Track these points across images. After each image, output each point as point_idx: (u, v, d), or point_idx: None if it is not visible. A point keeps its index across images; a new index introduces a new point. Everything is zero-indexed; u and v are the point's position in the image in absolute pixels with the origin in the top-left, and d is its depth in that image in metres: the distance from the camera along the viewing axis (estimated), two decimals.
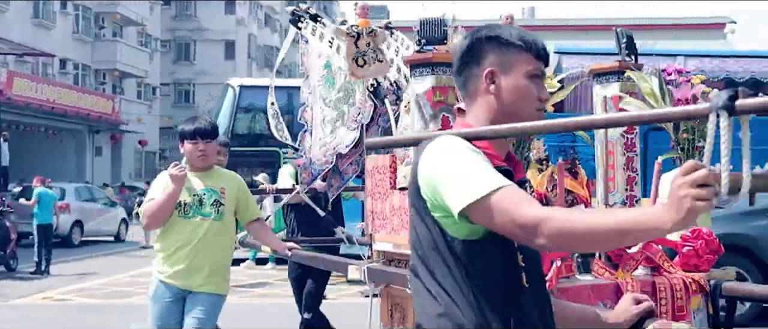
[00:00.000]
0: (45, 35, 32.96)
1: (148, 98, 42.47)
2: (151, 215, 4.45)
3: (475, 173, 1.87)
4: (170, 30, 45.82)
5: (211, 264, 4.46)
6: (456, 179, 1.88)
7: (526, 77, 2.03)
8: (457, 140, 1.97)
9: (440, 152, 1.95)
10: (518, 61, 2.03)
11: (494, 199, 1.81)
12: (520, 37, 2.05)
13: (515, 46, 2.04)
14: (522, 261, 1.97)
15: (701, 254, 3.13)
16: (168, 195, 4.38)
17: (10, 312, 9.66)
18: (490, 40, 2.06)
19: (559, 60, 12.32)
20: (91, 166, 35.92)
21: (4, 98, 24.74)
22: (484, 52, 2.05)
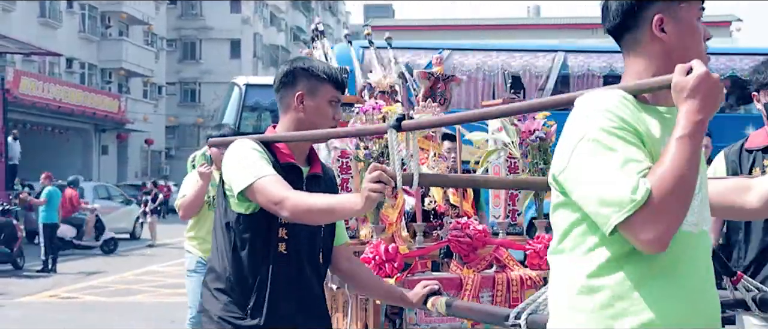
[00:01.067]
0: (51, 34, 33.04)
1: (154, 97, 42.53)
2: (185, 207, 5.49)
3: (250, 165, 2.56)
4: (176, 29, 45.89)
5: None
6: (237, 169, 2.59)
7: (327, 102, 2.74)
8: (243, 142, 2.69)
9: (230, 152, 2.68)
10: (323, 89, 2.73)
11: (259, 183, 2.50)
12: (325, 71, 2.75)
13: (321, 78, 2.73)
14: (285, 234, 2.62)
15: (542, 255, 3.70)
16: (198, 190, 5.41)
17: (17, 310, 9.70)
18: (303, 70, 2.75)
19: (564, 58, 12.35)
20: (97, 165, 36.00)
21: (11, 97, 24.78)
22: (297, 79, 2.75)
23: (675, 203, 1.65)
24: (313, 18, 30.52)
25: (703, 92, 1.70)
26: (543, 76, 12.18)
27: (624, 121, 1.72)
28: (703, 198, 1.86)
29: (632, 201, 1.62)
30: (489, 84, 12.20)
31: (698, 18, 2.03)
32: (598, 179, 1.68)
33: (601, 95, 1.80)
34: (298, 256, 2.64)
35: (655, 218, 1.63)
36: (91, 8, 36.61)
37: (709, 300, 1.83)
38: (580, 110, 1.79)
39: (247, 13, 46.65)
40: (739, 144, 3.66)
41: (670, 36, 1.96)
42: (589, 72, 12.27)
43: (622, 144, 1.69)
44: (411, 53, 12.43)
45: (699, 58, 1.83)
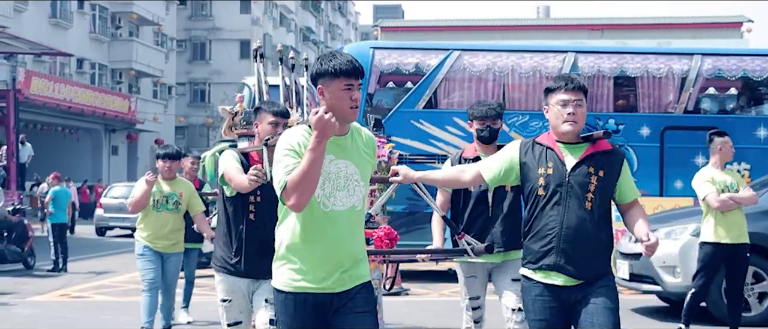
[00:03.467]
0: (62, 35, 33.17)
1: (164, 98, 42.65)
2: (133, 204, 7.19)
3: (224, 164, 4.43)
4: (186, 29, 46.00)
5: (172, 238, 7.33)
6: (222, 167, 4.42)
7: (268, 124, 4.52)
8: (227, 152, 4.54)
9: (220, 159, 4.57)
10: (265, 117, 4.56)
11: (224, 170, 4.39)
12: (268, 106, 4.63)
13: (263, 110, 4.63)
14: (253, 208, 4.48)
15: (383, 239, 5.88)
16: (142, 192, 7.08)
17: (27, 309, 9.73)
18: (258, 108, 4.66)
19: (575, 59, 12.32)
20: (107, 165, 36.12)
21: (22, 97, 24.87)
22: (256, 114, 4.68)
23: (298, 186, 3.14)
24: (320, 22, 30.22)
25: (320, 126, 3.10)
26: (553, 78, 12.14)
27: (296, 144, 3.26)
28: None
29: (279, 187, 3.21)
30: (498, 85, 12.19)
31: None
32: None
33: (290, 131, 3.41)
34: (263, 220, 4.41)
35: (290, 194, 3.17)
36: (101, 9, 36.75)
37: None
38: None
39: (256, 13, 46.72)
40: (459, 154, 5.41)
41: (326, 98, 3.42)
42: (600, 73, 12.23)
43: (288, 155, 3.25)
44: (420, 54, 12.44)
45: (343, 110, 3.25)
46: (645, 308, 9.52)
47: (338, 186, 3.29)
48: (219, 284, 4.60)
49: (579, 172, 3.79)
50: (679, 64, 12.27)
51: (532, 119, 11.87)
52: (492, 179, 4.01)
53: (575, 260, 3.76)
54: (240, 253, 4.49)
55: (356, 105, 3.29)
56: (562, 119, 3.82)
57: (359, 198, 3.36)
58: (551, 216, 3.79)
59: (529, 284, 3.90)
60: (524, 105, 12.14)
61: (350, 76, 3.27)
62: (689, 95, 12.14)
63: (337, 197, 3.29)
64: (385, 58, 12.21)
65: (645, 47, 14.83)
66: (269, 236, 3.98)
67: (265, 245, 4.17)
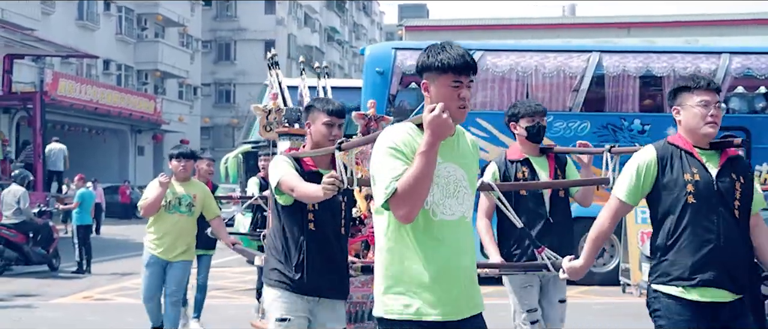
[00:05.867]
0: (89, 36, 33.46)
1: (189, 98, 42.89)
2: (145, 208, 6.69)
3: (279, 170, 3.93)
4: (211, 30, 46.24)
5: (183, 243, 6.85)
6: (272, 174, 3.99)
7: (323, 125, 4.07)
8: (278, 158, 4.13)
9: (271, 164, 4.09)
10: (318, 117, 4.09)
11: (282, 178, 3.89)
12: (322, 104, 4.14)
13: (316, 108, 4.11)
14: (313, 217, 4.02)
15: None
16: (156, 195, 6.63)
17: (51, 311, 9.78)
18: (310, 107, 4.17)
19: (599, 59, 12.16)
20: (133, 165, 36.39)
21: (49, 99, 25.12)
22: (308, 113, 4.14)
23: (412, 194, 2.77)
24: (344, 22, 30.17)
25: (433, 126, 2.76)
26: (577, 77, 12.01)
27: (401, 143, 2.88)
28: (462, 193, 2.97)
29: (386, 194, 2.80)
30: (522, 84, 12.07)
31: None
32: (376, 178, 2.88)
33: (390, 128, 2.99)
34: (323, 231, 4.05)
35: (399, 202, 2.78)
36: (127, 10, 37.01)
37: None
38: None
39: (281, 14, 46.84)
40: (503, 156, 4.99)
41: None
42: (625, 72, 12.06)
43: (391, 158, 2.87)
44: None
45: (450, 109, 2.82)
46: None
47: (448, 193, 2.90)
48: (275, 301, 4.09)
49: (724, 179, 3.51)
50: (706, 63, 12.08)
51: (557, 119, 11.74)
52: (635, 198, 3.61)
53: (735, 273, 3.48)
54: (302, 268, 4.02)
55: (465, 105, 2.92)
56: (704, 120, 3.51)
57: (469, 207, 2.99)
58: (706, 227, 3.47)
59: (672, 305, 3.51)
60: (548, 105, 11.99)
61: (460, 72, 2.90)
62: None
63: (447, 205, 2.90)
64: (407, 59, 12.13)
65: (671, 46, 14.63)
66: (332, 248, 4.03)
67: (328, 259, 4.04)
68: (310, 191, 3.68)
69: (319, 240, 4.05)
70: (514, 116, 4.95)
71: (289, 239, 4.06)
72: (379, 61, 12.08)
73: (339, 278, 4.13)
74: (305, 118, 4.19)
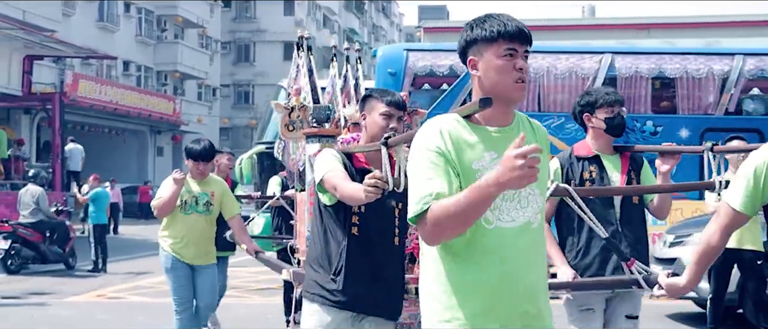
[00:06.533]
0: (109, 38, 33.76)
1: (209, 99, 43.14)
2: (159, 208, 6.05)
3: (325, 166, 3.49)
4: (230, 32, 46.48)
5: (203, 246, 6.20)
6: (317, 170, 3.55)
7: (380, 116, 3.63)
8: (326, 151, 3.69)
9: (317, 158, 3.67)
10: (375, 107, 3.67)
11: (326, 176, 3.44)
12: (380, 94, 3.71)
13: (374, 98, 3.69)
14: (357, 220, 3.56)
15: None
16: (171, 194, 5.98)
17: (65, 309, 9.90)
18: (366, 97, 3.76)
19: (612, 60, 12.13)
20: (152, 166, 36.65)
21: (69, 100, 25.40)
22: (364, 105, 3.73)
23: (446, 226, 2.28)
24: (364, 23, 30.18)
25: (506, 168, 2.11)
26: (590, 78, 11.98)
27: (445, 146, 2.37)
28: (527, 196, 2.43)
29: (415, 210, 2.32)
30: (534, 86, 12.05)
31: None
32: None
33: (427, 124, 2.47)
34: (368, 237, 3.57)
35: (428, 228, 2.31)
36: (147, 12, 37.30)
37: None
38: None
39: (300, 15, 46.99)
40: (569, 152, 4.37)
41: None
42: (637, 74, 12.02)
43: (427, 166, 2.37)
44: (455, 55, 12.32)
45: (505, 86, 2.40)
46: (680, 314, 9.33)
47: (506, 195, 2.34)
48: (311, 316, 3.61)
49: None
50: (719, 64, 12.01)
51: (569, 121, 11.70)
52: (753, 207, 2.94)
53: None
54: (340, 275, 3.54)
55: (523, 78, 2.40)
56: None
57: (535, 212, 2.43)
58: None
59: None
60: (560, 107, 11.98)
61: (513, 38, 2.40)
62: (730, 96, 11.86)
63: (505, 209, 2.37)
64: (419, 60, 12.15)
65: (684, 47, 14.53)
66: (379, 258, 3.59)
67: (374, 270, 3.57)
68: (352, 192, 3.23)
69: (363, 247, 3.56)
70: (590, 106, 4.28)
71: (330, 243, 3.61)
72: (391, 63, 12.12)
73: (386, 294, 3.62)
74: (361, 109, 3.77)
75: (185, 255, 6.06)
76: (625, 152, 4.33)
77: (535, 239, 2.44)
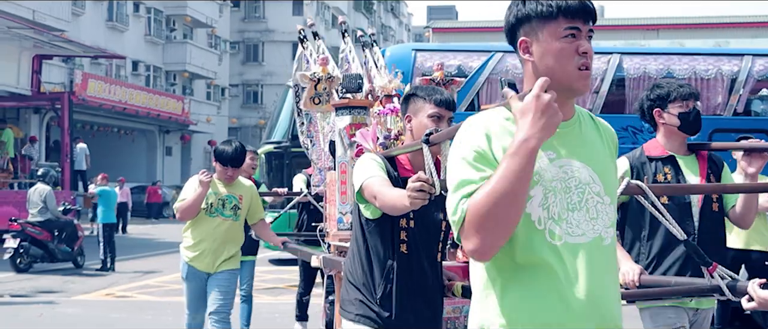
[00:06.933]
0: (118, 38, 33.86)
1: (217, 99, 43.22)
2: (183, 210, 5.62)
3: (365, 172, 3.09)
4: (239, 31, 46.56)
5: (223, 252, 5.76)
6: (356, 177, 3.13)
7: (428, 118, 3.20)
8: (366, 155, 3.26)
9: (356, 165, 3.24)
10: (422, 108, 3.23)
11: (365, 183, 3.05)
12: (427, 92, 3.23)
13: (419, 97, 3.24)
14: (405, 236, 3.17)
15: None
16: (197, 196, 5.58)
17: (72, 307, 9.94)
18: (411, 96, 3.29)
19: (619, 60, 12.10)
20: (161, 166, 36.75)
21: (79, 99, 25.49)
22: (407, 104, 3.30)
23: (487, 220, 1.83)
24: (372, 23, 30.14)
25: (530, 114, 1.82)
26: (597, 79, 11.95)
27: (484, 141, 1.95)
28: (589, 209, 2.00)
29: (454, 222, 1.90)
30: None
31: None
32: None
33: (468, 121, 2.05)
34: (417, 254, 3.21)
35: (470, 234, 1.85)
36: (156, 12, 37.40)
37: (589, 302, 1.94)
38: None
39: (308, 15, 46.98)
40: (639, 151, 3.95)
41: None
42: (646, 74, 11.99)
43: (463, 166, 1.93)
44: (463, 56, 12.35)
45: (565, 73, 1.97)
46: None
47: (571, 203, 1.95)
48: None
49: None
50: (728, 65, 11.97)
51: None
52: None
53: None
54: (389, 301, 3.17)
55: (588, 64, 1.97)
56: None
57: (606, 225, 2.00)
58: None
59: None
60: None
61: (575, 15, 1.96)
62: (739, 97, 11.81)
63: (572, 221, 1.94)
64: (427, 60, 12.15)
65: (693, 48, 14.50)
66: (426, 278, 3.24)
67: (422, 291, 3.23)
68: (395, 199, 2.82)
69: (412, 267, 3.20)
70: (661, 100, 3.85)
71: (374, 263, 3.21)
72: (399, 63, 12.01)
73: (433, 316, 3.30)
74: (403, 110, 3.34)
75: (200, 265, 5.73)
76: (701, 151, 3.93)
77: (609, 256, 2.00)
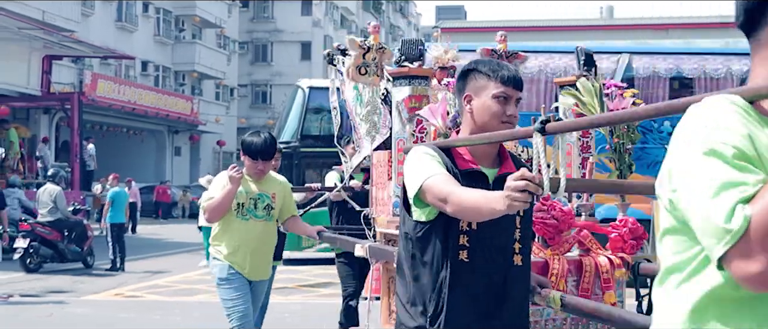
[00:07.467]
0: (128, 38, 33.97)
1: (226, 99, 43.30)
2: (211, 210, 5.06)
3: (423, 169, 2.53)
4: (248, 32, 46.63)
5: (263, 258, 5.25)
6: (410, 175, 2.58)
7: (492, 99, 2.62)
8: (418, 148, 2.69)
9: (406, 161, 2.71)
10: (485, 87, 2.64)
11: (426, 183, 2.49)
12: (490, 68, 2.65)
13: (481, 73, 2.65)
14: (466, 240, 2.57)
15: (626, 239, 3.63)
16: (226, 193, 5.02)
17: (83, 307, 9.97)
18: (470, 72, 2.69)
19: (629, 60, 12.07)
20: (170, 166, 36.84)
21: (88, 99, 25.59)
22: (465, 82, 2.70)
23: None
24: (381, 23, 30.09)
25: None
26: (607, 78, 11.93)
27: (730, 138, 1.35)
28: None
29: (727, 232, 1.29)
30: (551, 86, 12.02)
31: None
32: (697, 207, 1.35)
33: (708, 107, 1.44)
34: (483, 263, 2.57)
35: (756, 251, 1.27)
36: (165, 12, 37.50)
37: None
38: (685, 124, 1.46)
39: (317, 15, 47.07)
40: None
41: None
42: (655, 74, 11.97)
43: (722, 166, 1.33)
44: (471, 56, 12.33)
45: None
46: None
47: None
48: None
49: None
50: (738, 64, 11.94)
51: None
52: None
53: None
54: (438, 317, 2.56)
55: None
56: None
57: None
58: None
59: None
60: None
61: None
62: None
63: None
64: None
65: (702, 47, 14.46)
66: (495, 287, 2.59)
67: (490, 306, 2.59)
68: (479, 202, 2.29)
69: (475, 276, 2.57)
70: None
71: (423, 275, 2.60)
72: None
73: None
74: (460, 88, 2.73)
75: (243, 267, 5.13)
76: None
77: None
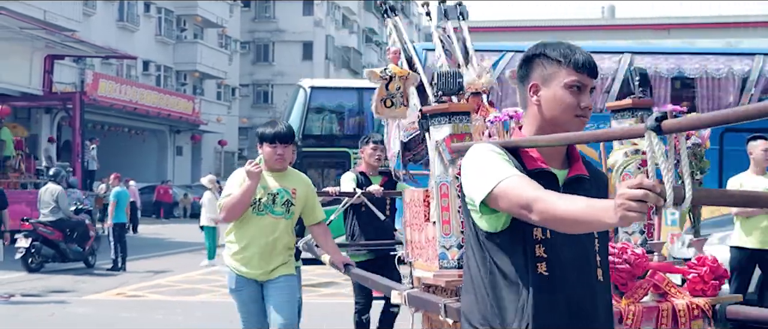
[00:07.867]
0: (129, 38, 33.97)
1: (228, 99, 43.31)
2: (229, 208, 4.76)
3: (493, 170, 2.18)
4: (249, 31, 46.64)
5: (276, 257, 4.86)
6: (475, 178, 2.22)
7: (564, 88, 2.25)
8: (480, 146, 2.32)
9: (466, 160, 2.31)
10: (555, 75, 2.27)
11: (500, 186, 2.13)
12: (560, 52, 2.27)
13: (551, 60, 2.27)
14: (543, 251, 2.24)
15: (707, 280, 3.32)
16: (245, 190, 4.72)
17: (83, 307, 9.97)
18: (536, 57, 2.31)
19: (631, 60, 12.06)
20: (172, 165, 36.85)
21: (90, 99, 25.60)
22: (530, 68, 2.31)
23: None
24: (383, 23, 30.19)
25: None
26: (609, 78, 11.93)
27: None
28: None
29: None
30: None
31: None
32: None
33: None
34: (563, 277, 2.25)
35: None
36: (167, 12, 37.51)
37: None
38: None
39: (319, 15, 47.06)
40: None
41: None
42: (657, 74, 11.96)
43: None
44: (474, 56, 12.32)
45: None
46: None
47: None
48: None
49: None
50: (739, 65, 11.93)
51: (590, 120, 11.65)
52: None
53: None
54: None
55: None
56: None
57: None
58: None
59: None
60: None
61: None
62: (750, 96, 11.79)
63: None
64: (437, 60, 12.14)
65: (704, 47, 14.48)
66: (576, 302, 2.30)
67: (573, 321, 2.28)
68: (581, 214, 1.95)
69: (556, 290, 2.26)
70: None
71: (502, 291, 2.29)
72: None
73: None
74: (522, 75, 2.35)
75: (251, 271, 4.84)
76: None
77: None
